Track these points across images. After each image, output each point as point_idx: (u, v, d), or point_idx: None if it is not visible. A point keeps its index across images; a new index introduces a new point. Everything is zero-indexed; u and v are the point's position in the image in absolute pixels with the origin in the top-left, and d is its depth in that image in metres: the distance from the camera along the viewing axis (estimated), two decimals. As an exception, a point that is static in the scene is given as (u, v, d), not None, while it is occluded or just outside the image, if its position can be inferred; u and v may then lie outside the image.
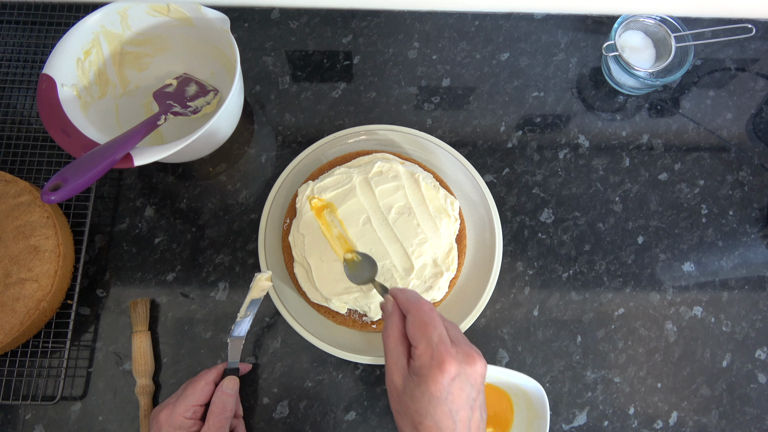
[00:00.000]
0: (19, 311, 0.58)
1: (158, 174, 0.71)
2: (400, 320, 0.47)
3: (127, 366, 0.64)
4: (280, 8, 0.78)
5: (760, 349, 0.66)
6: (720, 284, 0.68)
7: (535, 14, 0.79)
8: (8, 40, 0.75)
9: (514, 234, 0.70)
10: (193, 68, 0.71)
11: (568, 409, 0.64)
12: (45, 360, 0.63)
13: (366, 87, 0.75)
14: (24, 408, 0.62)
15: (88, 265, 0.67)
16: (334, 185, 0.65)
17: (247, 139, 0.73)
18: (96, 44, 0.64)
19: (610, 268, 0.69)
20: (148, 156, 0.56)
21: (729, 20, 0.77)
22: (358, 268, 0.61)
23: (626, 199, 0.71)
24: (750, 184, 0.72)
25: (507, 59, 0.77)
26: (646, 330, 0.67)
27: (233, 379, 0.57)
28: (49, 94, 0.59)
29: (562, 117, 0.75)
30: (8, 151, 0.69)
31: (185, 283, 0.67)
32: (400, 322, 0.47)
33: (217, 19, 0.63)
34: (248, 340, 0.65)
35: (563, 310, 0.67)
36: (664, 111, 0.75)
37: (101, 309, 0.66)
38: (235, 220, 0.69)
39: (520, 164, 0.72)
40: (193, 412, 0.55)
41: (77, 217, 0.67)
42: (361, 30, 0.78)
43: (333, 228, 0.63)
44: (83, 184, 0.51)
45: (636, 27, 0.74)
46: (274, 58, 0.76)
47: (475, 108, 0.75)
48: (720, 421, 0.64)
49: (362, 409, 0.63)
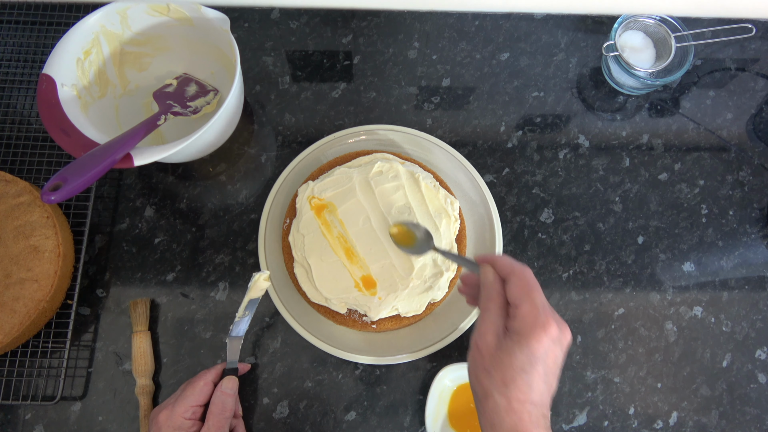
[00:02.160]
0: (19, 311, 0.58)
1: (158, 174, 0.71)
2: (501, 286, 0.48)
3: (127, 366, 0.64)
4: (280, 8, 0.78)
5: (760, 349, 0.66)
6: (720, 284, 0.68)
7: (535, 14, 0.79)
8: (8, 40, 0.75)
9: (514, 234, 0.70)
10: (193, 68, 0.71)
11: (568, 409, 0.64)
12: (45, 360, 0.63)
13: (366, 87, 0.75)
14: (24, 408, 0.62)
15: (88, 265, 0.67)
16: (334, 185, 0.65)
17: (247, 139, 0.73)
18: (96, 44, 0.64)
19: (610, 268, 0.69)
20: (148, 156, 0.56)
21: (729, 20, 0.77)
22: (411, 238, 0.58)
23: (626, 199, 0.71)
24: (750, 184, 0.72)
25: (507, 59, 0.77)
26: (646, 330, 0.67)
27: (232, 379, 0.57)
28: (49, 94, 0.59)
29: (562, 117, 0.75)
30: (8, 151, 0.69)
31: (185, 283, 0.67)
32: (501, 288, 0.48)
33: (217, 19, 0.63)
34: (248, 340, 0.65)
35: (563, 310, 0.67)
36: (664, 111, 0.75)
37: (101, 309, 0.66)
38: (235, 220, 0.69)
39: (520, 164, 0.72)
40: (192, 413, 0.55)
41: (77, 217, 0.67)
42: (361, 30, 0.78)
43: (333, 228, 0.63)
44: (83, 184, 0.51)
45: (636, 27, 0.74)
46: (274, 58, 0.76)
47: (475, 108, 0.75)
48: (720, 421, 0.64)
49: (362, 409, 0.63)
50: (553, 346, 0.44)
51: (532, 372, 0.43)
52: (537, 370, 0.43)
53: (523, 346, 0.43)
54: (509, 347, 0.44)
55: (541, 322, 0.43)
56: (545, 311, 0.44)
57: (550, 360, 0.44)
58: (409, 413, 0.63)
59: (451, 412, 0.61)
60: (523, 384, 0.43)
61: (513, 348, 0.44)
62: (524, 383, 0.43)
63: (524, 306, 0.45)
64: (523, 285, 0.46)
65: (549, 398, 0.44)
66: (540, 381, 0.43)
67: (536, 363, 0.43)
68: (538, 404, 0.43)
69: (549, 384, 0.44)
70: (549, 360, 0.44)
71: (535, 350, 0.43)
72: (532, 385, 0.43)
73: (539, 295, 0.45)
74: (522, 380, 0.43)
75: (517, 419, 0.43)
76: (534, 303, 0.45)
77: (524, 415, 0.43)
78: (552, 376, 0.44)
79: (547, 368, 0.44)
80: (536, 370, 0.43)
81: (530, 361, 0.43)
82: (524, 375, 0.43)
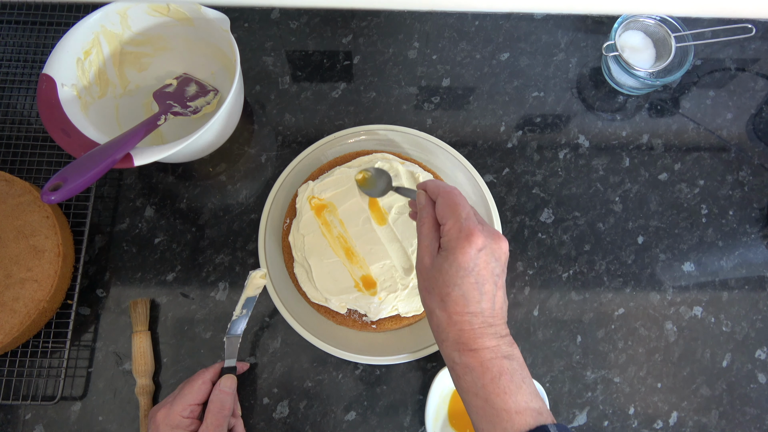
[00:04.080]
0: (19, 311, 0.58)
1: (158, 174, 0.71)
2: (432, 207, 0.49)
3: (127, 366, 0.64)
4: (280, 8, 0.78)
5: (760, 349, 0.66)
6: (720, 284, 0.68)
7: (535, 14, 0.79)
8: (8, 40, 0.75)
9: (514, 234, 0.70)
10: (193, 68, 0.71)
11: (568, 409, 0.64)
12: (45, 360, 0.63)
13: (366, 87, 0.75)
14: (24, 408, 0.62)
15: (88, 265, 0.67)
16: (334, 185, 0.65)
17: (247, 139, 0.73)
18: (96, 44, 0.64)
19: (610, 268, 0.69)
20: (148, 156, 0.56)
21: (729, 20, 0.77)
22: (372, 182, 0.62)
23: (626, 199, 0.71)
24: (750, 184, 0.72)
25: (507, 59, 0.77)
26: (646, 330, 0.67)
27: (231, 378, 0.57)
28: (49, 94, 0.59)
29: (562, 117, 0.75)
30: (8, 151, 0.69)
31: (185, 283, 0.67)
32: (432, 209, 0.49)
33: (217, 19, 0.63)
34: (248, 340, 0.65)
35: (563, 310, 0.67)
36: (664, 111, 0.75)
37: (101, 309, 0.66)
38: (235, 220, 0.69)
39: (520, 164, 0.72)
40: (190, 411, 0.55)
41: (77, 217, 0.67)
42: (361, 30, 0.78)
43: (333, 228, 0.63)
44: (83, 184, 0.51)
45: (636, 27, 0.74)
46: (274, 58, 0.76)
47: (475, 108, 0.75)
48: (720, 421, 0.64)
49: (362, 409, 0.63)
50: (481, 254, 0.44)
51: (463, 284, 0.44)
52: (468, 281, 0.44)
53: (451, 260, 0.44)
54: (440, 265, 0.45)
55: (465, 234, 0.45)
56: (469, 223, 0.45)
57: (482, 269, 0.45)
58: (409, 413, 0.63)
59: (452, 412, 0.62)
60: (458, 297, 0.44)
61: (443, 265, 0.45)
62: (458, 296, 0.44)
63: (449, 222, 0.46)
64: (449, 203, 0.47)
65: (491, 306, 0.45)
66: (474, 291, 0.44)
67: (466, 275, 0.44)
68: (477, 313, 0.44)
69: (487, 293, 0.45)
70: (481, 269, 0.44)
71: (461, 262, 0.44)
72: (467, 296, 0.44)
73: (463, 210, 0.46)
74: (456, 293, 0.44)
75: (458, 330, 0.45)
76: (458, 218, 0.46)
77: (465, 325, 0.44)
78: (489, 285, 0.45)
79: (479, 277, 0.44)
80: (467, 281, 0.44)
81: (459, 273, 0.44)
82: (456, 288, 0.44)
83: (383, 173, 0.62)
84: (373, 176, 0.62)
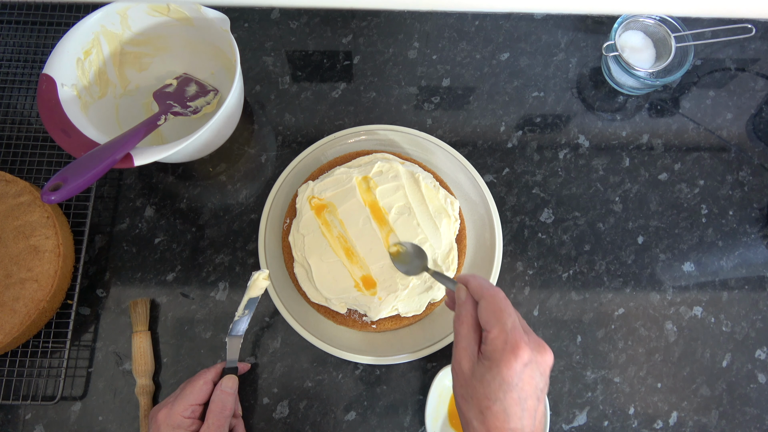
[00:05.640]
0: (19, 311, 0.58)
1: (158, 174, 0.71)
2: (473, 307, 0.47)
3: (127, 366, 0.64)
4: (280, 8, 0.78)
5: (760, 349, 0.66)
6: (720, 284, 0.68)
7: (535, 14, 0.79)
8: (8, 40, 0.75)
9: (514, 234, 0.70)
10: (193, 68, 0.71)
11: (568, 409, 0.64)
12: (45, 360, 0.63)
13: (366, 87, 0.75)
14: (24, 408, 0.62)
15: (88, 265, 0.67)
16: (334, 185, 0.65)
17: (247, 139, 0.73)
18: (96, 44, 0.64)
19: (610, 268, 0.69)
20: (148, 156, 0.56)
21: (729, 20, 0.77)
22: (407, 259, 0.60)
23: (626, 199, 0.71)
24: (750, 184, 0.72)
25: (507, 59, 0.77)
26: (646, 330, 0.67)
27: (232, 378, 0.57)
28: (49, 94, 0.59)
29: (562, 117, 0.75)
30: (8, 151, 0.69)
31: (185, 283, 0.67)
32: (473, 308, 0.47)
33: (217, 19, 0.63)
34: (248, 340, 0.65)
35: (563, 310, 0.67)
36: (664, 111, 0.75)
37: (101, 309, 0.66)
38: (235, 220, 0.69)
39: (520, 164, 0.72)
40: (191, 411, 0.55)
41: (77, 217, 0.67)
42: (361, 30, 0.78)
43: (333, 228, 0.63)
44: (83, 184, 0.51)
45: (636, 27, 0.74)
46: (274, 58, 0.76)
47: (475, 108, 0.75)
48: (720, 421, 0.64)
49: (362, 409, 0.63)
50: (527, 369, 0.43)
51: (505, 399, 0.42)
52: (511, 396, 0.42)
53: (494, 373, 0.42)
54: (481, 374, 0.43)
55: (511, 347, 0.43)
56: (515, 335, 0.43)
57: (527, 384, 0.43)
58: (409, 413, 0.63)
59: (451, 412, 0.62)
60: (499, 412, 0.42)
61: (485, 375, 0.43)
62: (500, 410, 0.42)
63: (494, 330, 0.44)
64: (493, 308, 0.45)
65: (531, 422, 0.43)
66: (516, 407, 0.42)
67: (509, 389, 0.42)
68: (518, 430, 0.42)
69: (529, 409, 0.43)
70: (525, 384, 0.43)
71: (506, 376, 0.42)
72: (508, 411, 0.42)
73: (509, 317, 0.44)
74: (497, 408, 0.42)
75: None
76: (503, 327, 0.44)
77: None
78: (532, 401, 0.43)
79: (522, 393, 0.42)
80: (510, 396, 0.42)
81: (502, 387, 0.42)
82: (498, 402, 0.42)
83: (421, 252, 0.60)
84: (410, 252, 0.60)
